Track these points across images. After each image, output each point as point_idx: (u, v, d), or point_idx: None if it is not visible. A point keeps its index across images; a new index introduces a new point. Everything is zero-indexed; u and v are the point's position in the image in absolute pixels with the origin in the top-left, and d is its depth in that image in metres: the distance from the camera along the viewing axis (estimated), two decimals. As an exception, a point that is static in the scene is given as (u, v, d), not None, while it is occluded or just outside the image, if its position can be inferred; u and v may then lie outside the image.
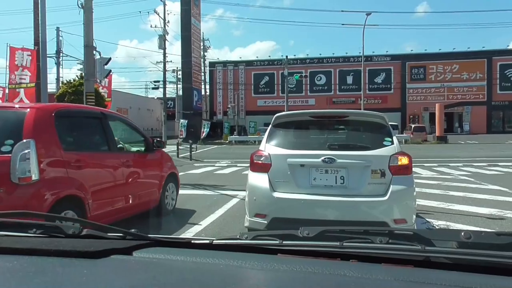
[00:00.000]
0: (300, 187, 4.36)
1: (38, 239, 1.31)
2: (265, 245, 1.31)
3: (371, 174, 4.30)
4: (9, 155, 3.82)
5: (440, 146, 29.91)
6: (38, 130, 4.10)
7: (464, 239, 1.21)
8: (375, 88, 48.73)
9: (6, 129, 4.17)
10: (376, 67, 48.31)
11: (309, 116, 4.96)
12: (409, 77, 49.68)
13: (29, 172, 3.86)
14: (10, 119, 4.26)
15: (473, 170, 13.70)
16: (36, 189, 3.94)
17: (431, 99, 47.93)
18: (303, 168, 4.41)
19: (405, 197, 4.29)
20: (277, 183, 4.43)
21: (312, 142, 4.83)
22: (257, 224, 4.37)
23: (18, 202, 3.82)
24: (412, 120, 47.14)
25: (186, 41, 42.33)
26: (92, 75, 11.54)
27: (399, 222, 4.15)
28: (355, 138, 4.94)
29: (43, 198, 3.97)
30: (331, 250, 1.24)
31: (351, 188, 4.29)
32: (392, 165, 4.33)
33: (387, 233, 1.33)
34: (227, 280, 1.07)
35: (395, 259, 1.18)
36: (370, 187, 4.28)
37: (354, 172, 4.34)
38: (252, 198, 4.50)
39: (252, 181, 4.54)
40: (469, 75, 47.85)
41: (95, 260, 1.17)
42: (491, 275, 1.06)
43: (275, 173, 4.44)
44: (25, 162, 3.85)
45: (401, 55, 49.31)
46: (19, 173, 3.81)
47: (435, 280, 1.01)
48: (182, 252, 1.26)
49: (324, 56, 50.57)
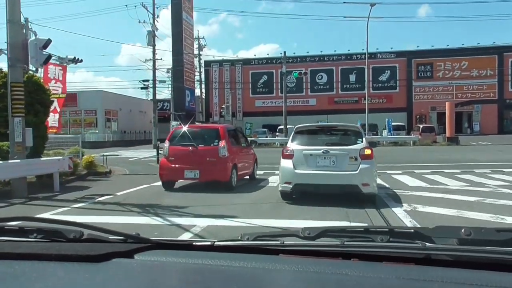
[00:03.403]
0: (310, 167, 7.92)
1: (39, 244, 1.33)
2: (266, 246, 1.33)
3: (349, 159, 7.80)
4: (217, 146, 10.05)
5: (452, 148, 27.17)
6: (224, 136, 10.25)
7: (464, 236, 1.23)
8: (379, 87, 46.21)
9: (214, 136, 10.42)
10: (380, 65, 45.88)
11: (315, 127, 9.30)
12: (415, 75, 47.78)
13: (224, 153, 9.98)
14: (214, 131, 10.76)
15: (510, 178, 10.81)
16: (226, 160, 10.00)
17: (438, 98, 45.67)
18: (311, 156, 7.96)
19: (368, 171, 7.70)
20: (297, 165, 7.95)
21: (316, 142, 8.29)
22: (286, 188, 7.99)
23: (220, 164, 9.90)
24: (418, 120, 44.45)
25: (177, 38, 39.95)
26: (19, 61, 8.71)
27: (365, 185, 7.58)
28: (340, 139, 8.61)
29: (228, 164, 10.02)
30: (332, 250, 1.27)
31: (338, 167, 7.79)
32: (361, 154, 7.77)
33: (388, 231, 1.36)
34: (229, 281, 1.08)
35: (396, 257, 1.20)
36: (349, 166, 7.74)
37: (340, 158, 7.84)
38: (283, 173, 8.07)
39: (283, 164, 8.11)
40: (479, 72, 45.76)
41: (96, 264, 1.18)
42: (492, 271, 1.08)
43: (296, 159, 7.98)
44: (223, 149, 10.01)
45: (406, 51, 46.97)
46: (220, 154, 9.96)
47: (437, 277, 1.03)
48: (183, 254, 1.28)
49: (325, 54, 48.04)
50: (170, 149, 10.29)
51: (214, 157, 9.87)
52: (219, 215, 6.82)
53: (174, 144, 10.34)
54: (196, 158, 9.96)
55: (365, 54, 34.81)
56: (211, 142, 10.24)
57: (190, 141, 10.23)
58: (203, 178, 9.96)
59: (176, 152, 10.21)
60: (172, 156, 10.19)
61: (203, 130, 11.35)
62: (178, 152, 10.19)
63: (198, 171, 9.89)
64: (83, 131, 40.40)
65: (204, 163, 9.86)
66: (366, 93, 34.42)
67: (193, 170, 9.91)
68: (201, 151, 10.07)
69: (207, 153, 10.00)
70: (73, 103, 40.27)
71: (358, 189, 7.51)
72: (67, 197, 9.32)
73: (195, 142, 10.21)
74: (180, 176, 10.17)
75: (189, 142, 10.20)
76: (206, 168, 9.82)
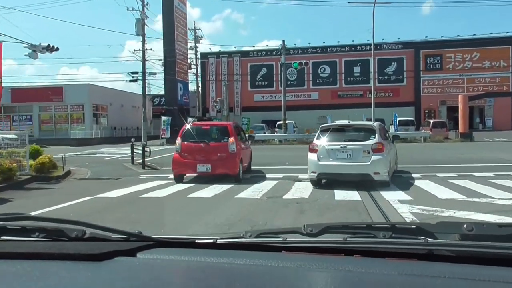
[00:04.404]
0: (331, 159, 9.81)
1: (41, 243, 1.36)
2: (269, 243, 1.36)
3: (363, 153, 9.63)
4: (227, 142, 11.27)
5: (466, 145, 24.76)
6: (233, 133, 11.59)
7: (466, 231, 1.25)
8: (385, 80, 44.21)
9: (223, 133, 11.64)
10: (386, 56, 44.25)
11: (337, 126, 10.93)
12: (424, 67, 46.49)
13: (233, 149, 11.17)
14: (223, 128, 12.00)
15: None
16: (234, 155, 11.22)
17: (448, 92, 43.95)
18: (332, 150, 9.85)
19: (379, 162, 9.56)
20: (320, 157, 9.87)
21: (337, 138, 10.12)
22: (312, 176, 9.99)
23: (230, 159, 11.12)
24: (427, 115, 42.04)
25: (169, 26, 37.86)
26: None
27: (376, 174, 9.42)
28: (357, 136, 10.35)
29: (236, 159, 11.25)
30: (335, 246, 1.30)
31: (353, 159, 9.65)
32: (373, 148, 9.63)
33: (390, 227, 1.39)
34: (232, 279, 1.10)
35: (399, 253, 1.22)
36: (362, 158, 9.58)
37: (355, 151, 9.72)
38: (310, 164, 10.03)
39: (310, 157, 10.08)
40: (491, 64, 43.80)
41: (99, 263, 1.20)
42: (494, 266, 1.11)
43: (320, 153, 9.89)
44: (233, 145, 11.26)
45: (414, 42, 45.31)
46: (230, 149, 11.18)
47: (439, 273, 1.05)
48: (186, 252, 1.30)
49: (328, 45, 46.23)
50: (183, 145, 11.40)
51: (224, 153, 11.21)
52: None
53: (186, 140, 11.50)
54: (207, 153, 11.28)
55: (370, 45, 32.65)
56: (221, 138, 11.61)
57: (201, 138, 11.48)
58: (214, 172, 11.13)
59: (188, 147, 11.39)
60: (185, 152, 11.35)
61: (212, 127, 12.60)
62: (190, 148, 11.38)
63: (210, 165, 11.05)
64: (69, 127, 38.03)
65: (215, 158, 11.20)
66: (372, 87, 32.03)
67: (205, 164, 11.06)
68: (212, 147, 11.36)
69: (218, 149, 11.33)
70: (59, 97, 38.18)
71: (370, 177, 9.50)
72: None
73: (206, 139, 11.46)
74: (192, 170, 11.23)
75: (201, 139, 11.44)
76: (217, 163, 11.14)
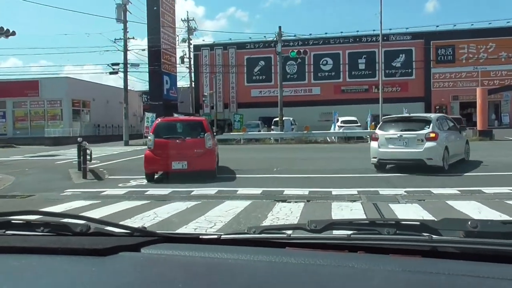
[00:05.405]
0: (389, 146, 11.96)
1: (45, 238, 1.38)
2: (273, 239, 1.39)
3: (417, 141, 11.55)
4: (203, 138, 11.15)
5: (488, 144, 23.16)
6: (208, 128, 11.61)
7: (470, 228, 1.27)
8: (392, 74, 42.08)
9: (198, 128, 11.57)
10: (394, 48, 42.36)
11: (396, 118, 13.38)
12: (435, 60, 44.21)
13: (210, 145, 11.15)
14: (197, 124, 11.99)
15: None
16: (211, 151, 11.37)
17: (461, 86, 42.11)
18: (391, 139, 11.97)
19: (431, 149, 11.40)
20: (380, 145, 12.09)
21: (395, 128, 12.18)
22: (373, 161, 12.16)
23: (207, 155, 11.08)
24: (438, 111, 38.84)
25: (153, 12, 35.23)
26: None
27: (428, 159, 11.35)
28: (412, 126, 12.15)
29: (213, 154, 11.53)
30: (339, 242, 1.32)
31: (409, 146, 11.68)
32: (426, 137, 11.50)
33: (394, 224, 1.40)
34: (236, 275, 1.13)
35: (403, 249, 1.24)
36: (416, 146, 11.54)
37: (410, 140, 11.67)
38: (372, 151, 12.35)
39: (372, 145, 12.66)
40: (508, 56, 40.70)
41: (103, 258, 1.21)
42: (498, 263, 1.12)
43: (380, 141, 12.08)
44: (209, 140, 11.21)
45: (424, 32, 43.99)
46: (207, 145, 11.10)
47: (443, 270, 1.07)
48: (190, 248, 1.31)
49: (330, 36, 44.13)
50: (156, 142, 11.11)
51: (201, 149, 11.17)
52: None
53: (160, 136, 11.30)
54: (183, 149, 11.11)
55: (375, 36, 30.34)
56: (197, 134, 11.43)
57: (175, 133, 11.33)
58: (191, 168, 10.97)
59: (162, 144, 11.14)
60: (158, 149, 11.12)
61: (186, 122, 12.67)
62: (165, 144, 11.14)
63: (186, 162, 10.92)
64: (46, 124, 34.86)
65: (192, 154, 11.06)
66: (380, 81, 29.44)
67: (180, 161, 10.85)
68: (188, 143, 11.27)
69: (195, 145, 11.23)
70: (34, 92, 35.13)
71: (423, 162, 11.45)
72: None
73: (181, 135, 11.32)
74: (166, 167, 10.95)
75: (175, 135, 11.28)
76: (194, 159, 10.99)
